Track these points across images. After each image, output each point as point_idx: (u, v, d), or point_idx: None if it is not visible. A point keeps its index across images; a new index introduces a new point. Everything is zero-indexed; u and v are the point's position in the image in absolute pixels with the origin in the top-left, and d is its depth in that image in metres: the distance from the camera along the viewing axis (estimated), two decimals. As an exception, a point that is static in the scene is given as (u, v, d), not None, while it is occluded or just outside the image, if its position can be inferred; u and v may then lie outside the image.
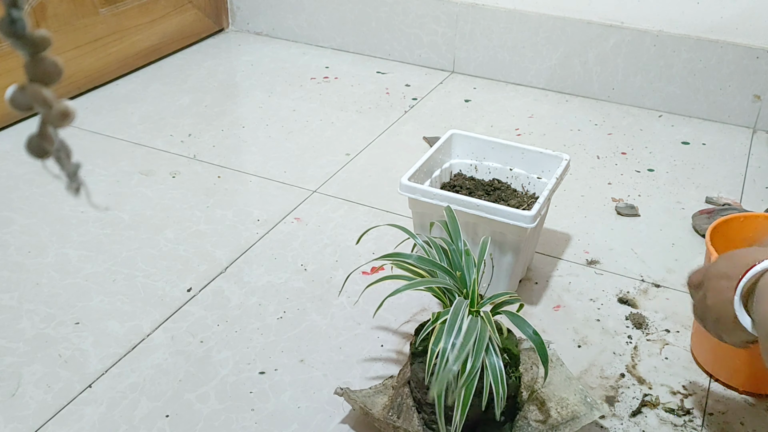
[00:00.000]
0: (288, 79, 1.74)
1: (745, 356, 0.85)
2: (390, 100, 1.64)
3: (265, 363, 0.92)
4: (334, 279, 1.07)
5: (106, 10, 1.65)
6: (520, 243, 0.94)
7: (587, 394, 0.81)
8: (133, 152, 1.40)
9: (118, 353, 0.93)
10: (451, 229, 0.84)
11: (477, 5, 1.69)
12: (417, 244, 0.84)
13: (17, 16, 0.27)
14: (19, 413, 0.84)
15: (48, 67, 0.29)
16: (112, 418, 0.84)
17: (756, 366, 0.86)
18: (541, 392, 0.83)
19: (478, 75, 1.77)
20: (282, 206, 1.24)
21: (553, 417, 0.80)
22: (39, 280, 1.05)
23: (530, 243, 1.02)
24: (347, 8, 1.84)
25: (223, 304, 1.02)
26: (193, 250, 1.13)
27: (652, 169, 1.38)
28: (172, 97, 1.64)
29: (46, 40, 0.29)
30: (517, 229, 0.92)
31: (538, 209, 0.92)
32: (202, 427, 0.83)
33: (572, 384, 0.83)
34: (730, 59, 1.51)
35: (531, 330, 0.76)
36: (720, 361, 0.90)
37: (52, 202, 1.23)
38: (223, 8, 2.00)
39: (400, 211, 1.23)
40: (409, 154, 1.42)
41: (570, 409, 0.80)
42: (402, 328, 0.98)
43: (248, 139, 1.47)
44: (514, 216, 0.91)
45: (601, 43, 1.61)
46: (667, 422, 0.85)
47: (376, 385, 0.84)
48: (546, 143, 1.47)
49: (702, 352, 0.93)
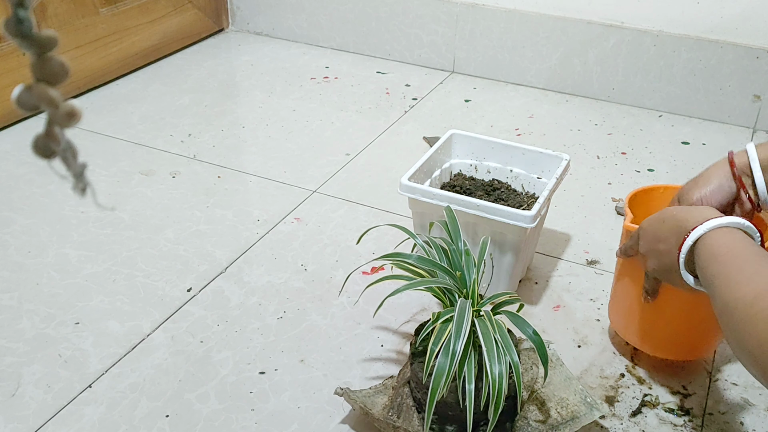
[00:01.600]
0: (288, 79, 1.74)
1: (652, 321, 0.88)
2: (390, 100, 1.64)
3: (265, 363, 0.92)
4: (334, 279, 1.07)
5: (106, 10, 1.65)
6: (520, 243, 0.94)
7: (587, 394, 0.81)
8: (134, 152, 1.41)
9: (118, 353, 0.93)
10: (451, 229, 0.84)
11: (477, 5, 1.69)
12: (417, 244, 0.84)
13: (24, 15, 0.27)
14: (19, 413, 0.84)
15: (55, 67, 0.29)
16: (112, 418, 0.84)
17: (665, 331, 0.88)
18: (541, 392, 0.83)
19: (478, 75, 1.77)
20: (282, 206, 1.24)
21: (553, 417, 0.80)
22: (39, 280, 1.05)
23: (530, 243, 1.02)
24: (347, 8, 1.85)
25: (223, 304, 1.02)
26: (193, 250, 1.13)
27: (652, 169, 1.38)
28: (172, 97, 1.64)
29: (53, 39, 0.29)
30: (517, 229, 0.92)
31: (538, 209, 0.92)
32: (202, 427, 0.83)
33: (572, 384, 0.83)
34: (730, 59, 1.51)
35: (531, 330, 0.76)
36: (631, 327, 0.91)
37: (53, 202, 1.23)
38: (223, 8, 2.00)
39: (400, 211, 1.23)
40: (409, 154, 1.42)
41: (570, 409, 0.80)
42: (402, 328, 0.98)
43: (248, 139, 1.47)
44: (514, 216, 0.91)
45: (601, 43, 1.61)
46: (667, 422, 0.85)
47: (376, 385, 0.84)
48: (546, 143, 1.47)
49: (617, 318, 0.94)
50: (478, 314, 0.75)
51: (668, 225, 0.73)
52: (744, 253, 0.62)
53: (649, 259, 0.77)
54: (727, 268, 0.61)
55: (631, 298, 0.88)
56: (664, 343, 0.90)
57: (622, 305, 0.91)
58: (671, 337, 0.88)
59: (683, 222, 0.70)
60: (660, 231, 0.74)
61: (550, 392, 0.83)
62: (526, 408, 0.81)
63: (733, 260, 0.62)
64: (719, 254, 0.64)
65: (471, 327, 0.71)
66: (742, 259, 0.61)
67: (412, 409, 0.80)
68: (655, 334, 0.89)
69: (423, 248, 0.83)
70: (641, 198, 0.93)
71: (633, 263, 0.85)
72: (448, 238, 0.83)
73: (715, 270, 0.63)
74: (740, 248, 0.63)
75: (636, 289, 0.86)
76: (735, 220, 0.67)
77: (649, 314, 0.87)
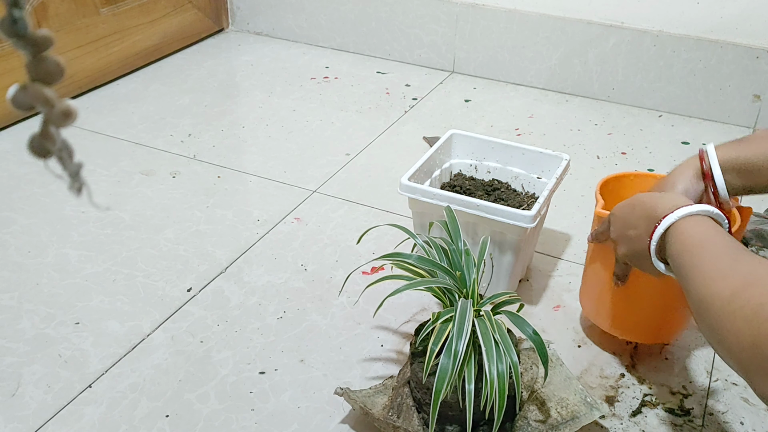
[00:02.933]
0: (288, 79, 1.74)
1: (623, 306, 0.89)
2: (390, 100, 1.64)
3: (265, 363, 0.92)
4: (334, 279, 1.07)
5: (106, 10, 1.65)
6: (520, 243, 0.94)
7: (587, 394, 0.81)
8: (134, 152, 1.41)
9: (118, 353, 0.93)
10: (451, 228, 0.84)
11: (477, 5, 1.69)
12: (417, 244, 0.84)
13: (19, 15, 0.27)
14: (19, 413, 0.84)
15: (50, 66, 0.29)
16: (112, 418, 0.84)
17: (637, 316, 0.90)
18: (541, 392, 0.83)
19: (478, 75, 1.77)
20: (282, 206, 1.24)
21: (553, 417, 0.80)
22: (39, 280, 1.05)
23: (530, 243, 1.02)
24: (347, 8, 1.85)
25: (223, 304, 1.02)
26: (193, 250, 1.13)
27: (652, 169, 1.38)
28: (172, 97, 1.64)
29: (48, 39, 0.29)
30: (517, 229, 0.92)
31: (538, 209, 0.92)
32: (202, 427, 0.83)
33: (572, 384, 0.83)
34: (730, 59, 1.51)
35: (531, 330, 0.76)
36: (602, 311, 0.92)
37: (53, 202, 1.23)
38: (223, 8, 2.00)
39: (400, 211, 1.23)
40: (409, 154, 1.42)
41: (570, 409, 0.80)
42: (402, 328, 0.98)
43: (248, 139, 1.47)
44: (513, 216, 0.91)
45: (601, 43, 1.61)
46: (667, 422, 0.85)
47: (376, 385, 0.84)
48: (546, 143, 1.47)
49: (588, 303, 0.95)
50: (477, 314, 0.75)
51: (638, 212, 0.74)
52: (716, 244, 0.63)
53: (619, 245, 0.78)
54: (701, 261, 0.62)
55: (602, 284, 0.90)
56: (635, 327, 0.91)
57: (593, 290, 0.93)
58: (642, 321, 0.90)
59: (653, 210, 0.71)
60: (630, 217, 0.76)
61: (550, 392, 0.83)
62: (526, 408, 0.81)
63: (706, 252, 0.62)
64: (692, 245, 0.64)
65: (471, 327, 0.71)
66: (715, 251, 0.62)
67: (412, 409, 0.80)
68: (627, 318, 0.90)
69: (423, 248, 0.82)
70: (612, 185, 0.95)
71: (604, 249, 0.86)
72: (448, 238, 0.83)
73: (687, 261, 0.63)
74: (712, 239, 0.63)
75: (607, 275, 0.88)
76: (705, 208, 0.67)
77: (620, 299, 0.88)
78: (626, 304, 0.89)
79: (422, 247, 0.83)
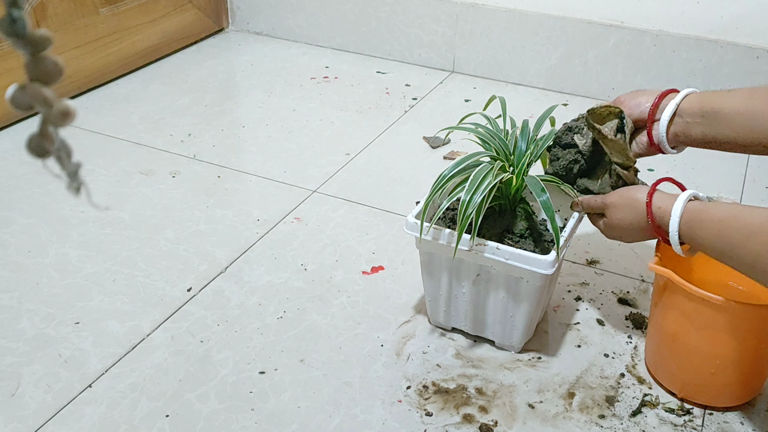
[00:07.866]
0: (288, 79, 1.74)
1: (696, 369, 0.85)
2: (390, 100, 1.64)
3: (265, 363, 0.92)
4: (334, 279, 1.07)
5: (106, 10, 1.65)
6: (539, 289, 0.87)
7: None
8: (134, 152, 1.41)
9: (118, 353, 0.93)
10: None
11: (477, 5, 1.69)
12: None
13: (18, 15, 0.27)
14: (19, 413, 0.84)
15: (48, 66, 0.29)
16: (112, 418, 0.84)
17: (701, 376, 0.85)
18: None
19: (478, 75, 1.77)
20: (282, 206, 1.24)
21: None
22: (39, 280, 1.05)
23: (550, 287, 0.95)
24: (347, 8, 1.84)
25: (223, 304, 1.02)
26: (193, 250, 1.13)
27: (652, 169, 1.38)
28: (172, 97, 1.64)
29: (47, 39, 0.29)
30: (537, 275, 0.85)
31: (555, 256, 0.85)
32: (202, 427, 0.83)
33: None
34: (730, 59, 1.51)
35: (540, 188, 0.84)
36: (670, 374, 0.88)
37: (53, 202, 1.23)
38: (223, 8, 2.00)
39: (400, 211, 1.23)
40: (409, 154, 1.42)
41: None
42: (402, 328, 0.98)
43: (248, 139, 1.47)
44: (532, 261, 0.84)
45: (601, 43, 1.61)
46: (667, 422, 0.85)
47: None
48: (546, 143, 1.46)
49: (654, 363, 0.91)
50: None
51: (635, 225, 0.82)
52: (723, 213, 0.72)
53: (611, 230, 0.86)
54: (731, 231, 0.70)
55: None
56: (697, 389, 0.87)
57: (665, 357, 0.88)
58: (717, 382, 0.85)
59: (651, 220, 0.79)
60: (628, 223, 0.83)
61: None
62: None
63: (725, 224, 0.71)
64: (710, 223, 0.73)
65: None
66: (730, 219, 0.71)
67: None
68: (687, 378, 0.86)
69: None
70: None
71: (674, 315, 0.83)
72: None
73: (720, 238, 0.71)
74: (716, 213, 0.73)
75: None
76: (687, 194, 0.76)
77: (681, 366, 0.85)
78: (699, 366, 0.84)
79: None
